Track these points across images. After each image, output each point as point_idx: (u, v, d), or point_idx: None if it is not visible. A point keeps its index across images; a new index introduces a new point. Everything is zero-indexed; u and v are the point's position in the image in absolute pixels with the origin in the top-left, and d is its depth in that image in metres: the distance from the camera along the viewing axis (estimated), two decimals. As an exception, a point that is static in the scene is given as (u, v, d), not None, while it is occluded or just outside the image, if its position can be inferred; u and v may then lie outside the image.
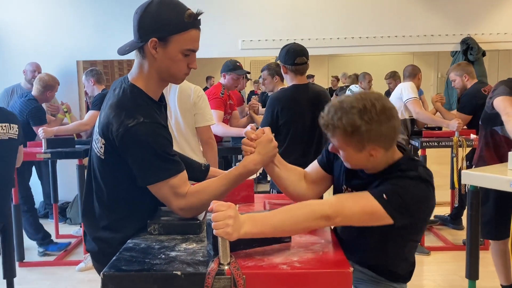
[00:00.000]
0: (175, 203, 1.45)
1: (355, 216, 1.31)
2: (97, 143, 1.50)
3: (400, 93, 4.00)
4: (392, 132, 1.35)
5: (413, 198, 1.33)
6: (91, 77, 4.22)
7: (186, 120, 2.69)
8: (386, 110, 1.33)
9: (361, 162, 1.40)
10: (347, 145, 1.36)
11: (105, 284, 1.17)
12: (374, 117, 1.30)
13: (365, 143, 1.33)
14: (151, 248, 1.35)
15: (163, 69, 1.46)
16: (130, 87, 1.48)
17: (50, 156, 3.71)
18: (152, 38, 1.39)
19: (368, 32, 5.17)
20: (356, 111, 1.30)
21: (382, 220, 1.30)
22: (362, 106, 1.30)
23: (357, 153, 1.36)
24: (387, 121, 1.32)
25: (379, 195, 1.31)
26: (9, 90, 4.69)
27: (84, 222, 1.62)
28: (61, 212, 4.91)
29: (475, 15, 5.19)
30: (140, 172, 1.43)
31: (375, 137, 1.32)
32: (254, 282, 1.16)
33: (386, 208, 1.29)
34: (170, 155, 1.44)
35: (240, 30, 5.14)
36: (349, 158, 1.40)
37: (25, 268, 3.68)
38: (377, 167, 1.42)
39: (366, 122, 1.30)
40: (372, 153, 1.35)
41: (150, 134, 1.38)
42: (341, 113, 1.32)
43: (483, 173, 2.35)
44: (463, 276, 2.67)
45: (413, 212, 1.34)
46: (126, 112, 1.40)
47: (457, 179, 3.74)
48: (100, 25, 5.14)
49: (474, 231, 2.49)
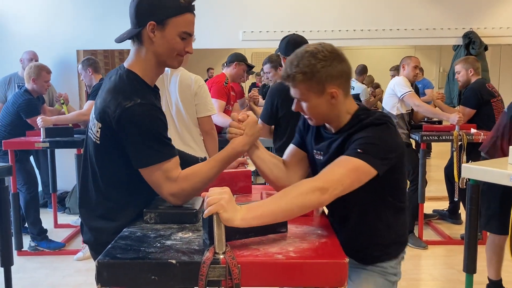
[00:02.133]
0: (166, 188, 1.45)
1: (344, 179, 1.31)
2: (93, 128, 1.51)
3: (392, 89, 3.95)
4: (347, 72, 1.44)
5: (386, 142, 1.39)
6: (88, 66, 4.18)
7: (188, 110, 2.67)
8: (337, 51, 1.43)
9: (324, 109, 1.45)
10: (308, 91, 1.41)
11: (100, 272, 1.17)
12: (327, 55, 1.39)
13: (324, 83, 1.40)
14: (147, 237, 1.34)
15: (161, 52, 1.48)
16: (126, 72, 1.50)
17: (48, 145, 3.70)
18: (150, 21, 1.43)
19: (369, 25, 5.14)
20: (309, 54, 1.40)
21: (368, 173, 1.34)
22: (314, 49, 1.41)
23: (319, 97, 1.42)
24: (340, 61, 1.41)
25: (354, 152, 1.35)
26: (7, 79, 4.68)
27: (80, 212, 1.62)
28: (60, 202, 4.92)
29: (477, 9, 5.15)
30: (135, 153, 1.43)
31: (332, 74, 1.40)
32: (249, 271, 1.15)
33: (365, 159, 1.33)
34: (166, 138, 1.45)
35: (241, 21, 5.11)
36: (312, 108, 1.45)
37: (23, 257, 3.69)
38: (340, 119, 1.47)
39: (320, 60, 1.39)
40: (333, 94, 1.41)
41: (147, 115, 1.41)
42: (297, 61, 1.41)
43: (484, 167, 2.34)
44: (461, 270, 2.68)
45: (389, 155, 1.38)
46: (123, 95, 1.43)
47: (457, 173, 3.74)
48: (100, 14, 5.11)
49: (473, 225, 2.48)
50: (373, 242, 1.55)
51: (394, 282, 1.61)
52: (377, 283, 1.56)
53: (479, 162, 2.55)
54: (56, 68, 5.17)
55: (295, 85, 1.43)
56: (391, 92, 3.96)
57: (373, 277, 1.57)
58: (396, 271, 1.61)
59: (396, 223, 1.55)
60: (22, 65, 4.68)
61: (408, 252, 3.63)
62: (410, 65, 4.01)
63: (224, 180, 1.80)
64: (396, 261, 1.60)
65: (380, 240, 1.54)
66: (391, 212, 1.53)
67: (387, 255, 1.57)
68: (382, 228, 1.53)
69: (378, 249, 1.55)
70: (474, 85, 3.90)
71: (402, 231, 1.61)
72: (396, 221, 1.55)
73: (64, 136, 3.77)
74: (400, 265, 1.64)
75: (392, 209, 1.53)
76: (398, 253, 1.60)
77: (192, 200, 1.58)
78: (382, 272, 1.57)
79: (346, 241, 1.34)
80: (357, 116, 1.46)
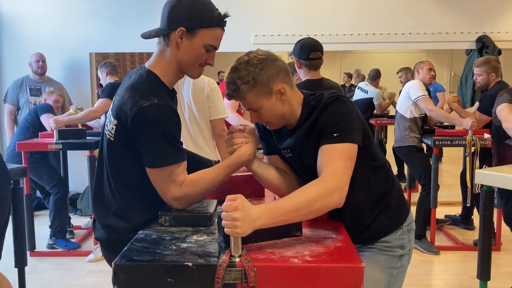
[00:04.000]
0: (171, 192, 1.46)
1: (347, 169, 1.36)
2: (109, 124, 1.53)
3: (407, 92, 3.95)
4: (284, 67, 1.47)
5: (349, 114, 1.43)
6: (105, 68, 4.26)
7: (201, 113, 2.69)
8: (267, 52, 1.47)
9: (279, 109, 1.47)
10: (258, 97, 1.44)
11: (117, 274, 1.17)
12: (260, 58, 1.43)
13: (270, 84, 1.43)
14: (162, 239, 1.35)
15: (184, 59, 1.50)
16: (147, 72, 1.52)
17: (61, 147, 3.74)
18: (180, 27, 1.45)
19: (382, 28, 5.13)
20: (243, 65, 1.43)
21: (355, 151, 1.40)
22: (245, 59, 1.44)
23: (269, 99, 1.44)
24: (273, 60, 1.45)
25: (331, 139, 1.39)
26: (18, 81, 4.76)
27: (94, 208, 1.64)
28: (72, 203, 4.95)
29: (491, 12, 5.12)
30: (146, 153, 1.45)
31: (272, 73, 1.43)
32: (265, 275, 1.15)
33: (346, 139, 1.38)
34: (178, 142, 1.47)
35: (253, 25, 5.12)
36: (268, 111, 1.47)
37: (36, 258, 3.72)
38: (295, 112, 1.50)
39: (256, 65, 1.42)
40: (281, 91, 1.45)
41: (162, 116, 1.41)
42: (235, 76, 1.43)
43: (497, 172, 2.32)
44: (473, 276, 2.65)
45: (358, 124, 1.44)
46: (140, 94, 1.43)
47: (470, 178, 3.70)
48: (113, 17, 5.16)
49: (486, 231, 2.46)
50: (362, 215, 1.56)
51: (401, 255, 1.59)
52: (378, 261, 1.57)
53: (493, 168, 2.53)
54: (69, 71, 5.24)
55: (243, 97, 1.44)
56: (406, 95, 3.95)
57: (375, 255, 1.58)
58: (402, 242, 1.59)
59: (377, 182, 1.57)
60: (31, 68, 4.75)
61: (420, 257, 3.65)
62: (424, 68, 3.99)
63: (237, 183, 1.80)
64: (401, 232, 1.59)
65: (369, 211, 1.56)
66: (370, 173, 1.55)
67: (385, 227, 1.58)
68: (363, 194, 1.54)
69: (373, 222, 1.56)
70: (493, 92, 3.77)
71: (391, 194, 1.60)
72: (376, 180, 1.56)
73: (77, 138, 3.81)
74: (409, 234, 1.62)
75: (370, 170, 1.55)
76: (399, 223, 1.60)
77: (206, 203, 1.59)
78: (385, 248, 1.58)
79: None
80: (308, 103, 1.50)
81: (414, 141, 3.93)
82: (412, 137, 3.93)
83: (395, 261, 1.59)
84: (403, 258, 1.60)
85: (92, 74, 5.25)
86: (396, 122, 4.09)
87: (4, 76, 5.28)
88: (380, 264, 1.58)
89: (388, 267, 1.59)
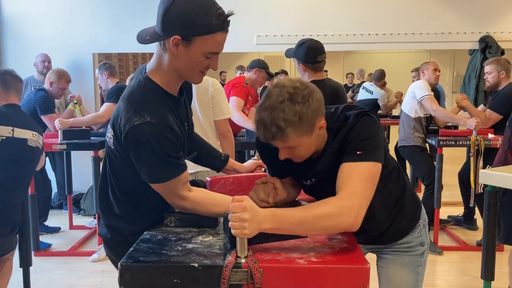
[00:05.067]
0: (175, 203, 1.47)
1: (366, 191, 1.28)
2: (108, 133, 1.51)
3: (413, 92, 3.96)
4: (321, 98, 1.34)
5: (374, 130, 1.36)
6: (105, 70, 4.24)
7: (205, 113, 2.69)
8: (307, 83, 1.32)
9: (314, 144, 1.36)
10: (300, 136, 1.30)
11: (123, 275, 1.18)
12: (304, 94, 1.28)
13: (313, 120, 1.30)
14: (168, 240, 1.36)
15: (181, 68, 1.40)
16: (145, 80, 1.44)
17: (66, 147, 3.75)
18: (175, 35, 1.31)
19: (385, 28, 5.12)
20: (287, 103, 1.26)
21: (378, 171, 1.32)
22: (287, 96, 1.27)
23: (310, 136, 1.32)
24: (314, 91, 1.31)
25: (354, 156, 1.31)
26: (24, 82, 4.75)
27: (99, 206, 1.64)
28: (75, 203, 4.96)
29: (494, 13, 5.11)
30: (141, 170, 1.42)
31: (317, 108, 1.30)
32: (271, 275, 1.16)
33: (370, 159, 1.30)
34: (172, 157, 1.38)
35: (255, 25, 5.13)
36: (306, 148, 1.35)
37: (40, 257, 3.73)
38: (323, 140, 1.40)
39: (302, 103, 1.27)
40: (321, 125, 1.33)
41: (154, 134, 1.33)
42: (275, 116, 1.26)
43: (502, 173, 2.31)
44: (476, 277, 2.66)
45: (381, 142, 1.36)
46: (134, 108, 1.36)
47: (473, 178, 3.70)
48: (117, 18, 5.17)
49: (490, 231, 2.45)
50: (380, 222, 1.55)
51: (422, 252, 1.64)
52: (404, 262, 1.62)
53: (497, 168, 2.52)
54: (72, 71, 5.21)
55: (285, 140, 1.29)
56: (411, 94, 3.96)
57: (399, 258, 1.63)
58: (421, 239, 1.63)
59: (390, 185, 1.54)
60: (37, 68, 4.76)
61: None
62: (429, 69, 4.00)
63: (242, 183, 1.81)
64: (418, 229, 1.63)
65: (386, 216, 1.56)
66: (386, 181, 1.49)
67: (404, 228, 1.60)
68: (381, 203, 1.51)
69: (391, 225, 1.57)
70: (505, 91, 3.78)
71: (405, 195, 1.60)
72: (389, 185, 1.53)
73: (81, 138, 3.82)
74: (425, 229, 1.66)
75: (385, 179, 1.47)
76: (416, 220, 1.62)
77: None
78: (407, 249, 1.62)
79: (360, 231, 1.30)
80: (331, 128, 1.40)
81: (418, 141, 3.93)
82: (417, 136, 3.93)
83: (419, 259, 1.64)
84: (425, 254, 1.66)
85: (95, 75, 5.25)
86: (400, 122, 4.09)
87: (7, 77, 5.29)
88: (407, 265, 1.63)
89: (414, 265, 1.64)
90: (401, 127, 4.06)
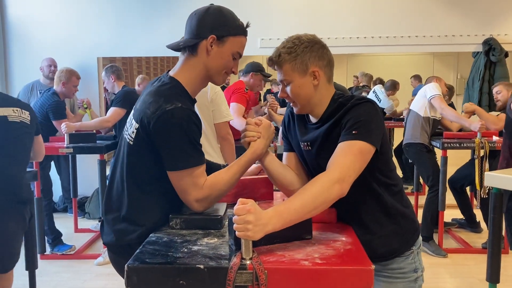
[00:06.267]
0: (193, 194, 1.49)
1: (355, 164, 1.37)
2: (130, 128, 1.56)
3: (424, 91, 4.01)
4: (330, 59, 1.53)
5: (373, 117, 1.44)
6: (112, 73, 4.26)
7: (205, 117, 2.71)
8: (319, 39, 1.52)
9: (307, 91, 1.50)
10: (293, 71, 1.48)
11: (130, 276, 1.19)
12: (310, 38, 1.50)
13: (308, 63, 1.48)
14: (174, 242, 1.37)
15: (212, 66, 1.55)
16: (170, 79, 1.56)
17: (72, 151, 3.77)
18: (211, 35, 1.51)
19: (388, 31, 5.13)
20: (294, 38, 1.51)
21: (370, 151, 1.40)
22: (299, 35, 1.51)
23: (302, 77, 1.49)
24: (322, 47, 1.51)
25: (350, 136, 1.40)
26: (29, 86, 4.79)
27: (105, 213, 1.65)
28: (80, 207, 4.99)
29: (497, 15, 5.11)
30: (169, 156, 1.47)
31: (316, 55, 1.49)
32: (276, 277, 1.17)
33: (363, 139, 1.39)
34: (199, 145, 1.50)
35: (259, 28, 5.13)
36: (296, 88, 1.50)
37: (45, 261, 3.76)
38: (322, 103, 1.53)
39: (304, 42, 1.48)
40: (315, 74, 1.48)
41: (185, 119, 1.44)
42: (283, 44, 1.51)
43: (508, 175, 2.31)
44: (481, 279, 2.65)
45: (379, 129, 1.44)
46: (164, 98, 1.47)
47: (479, 181, 3.70)
48: (121, 22, 5.20)
49: (496, 234, 2.46)
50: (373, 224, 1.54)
51: (416, 278, 1.61)
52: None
53: (502, 170, 2.52)
54: (77, 75, 5.28)
55: (281, 65, 1.50)
56: (423, 93, 4.02)
57: (393, 284, 1.58)
58: (415, 265, 1.60)
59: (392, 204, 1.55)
60: (43, 72, 4.79)
61: (428, 260, 3.64)
62: (441, 82, 4.18)
63: (246, 187, 1.82)
64: (412, 256, 1.59)
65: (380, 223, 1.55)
66: (385, 189, 1.54)
67: (394, 250, 1.57)
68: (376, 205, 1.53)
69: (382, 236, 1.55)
70: None
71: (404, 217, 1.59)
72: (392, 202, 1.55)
73: (87, 142, 3.84)
74: (418, 256, 1.63)
75: (385, 190, 1.53)
76: (409, 245, 1.59)
77: (216, 206, 1.61)
78: (400, 275, 1.58)
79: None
80: (336, 99, 1.53)
81: (425, 140, 3.95)
82: (423, 135, 3.95)
83: (412, 285, 1.60)
84: (419, 279, 1.62)
85: (100, 79, 5.29)
86: (408, 121, 4.11)
87: (13, 81, 5.34)
88: None
89: None
90: (409, 126, 4.07)
